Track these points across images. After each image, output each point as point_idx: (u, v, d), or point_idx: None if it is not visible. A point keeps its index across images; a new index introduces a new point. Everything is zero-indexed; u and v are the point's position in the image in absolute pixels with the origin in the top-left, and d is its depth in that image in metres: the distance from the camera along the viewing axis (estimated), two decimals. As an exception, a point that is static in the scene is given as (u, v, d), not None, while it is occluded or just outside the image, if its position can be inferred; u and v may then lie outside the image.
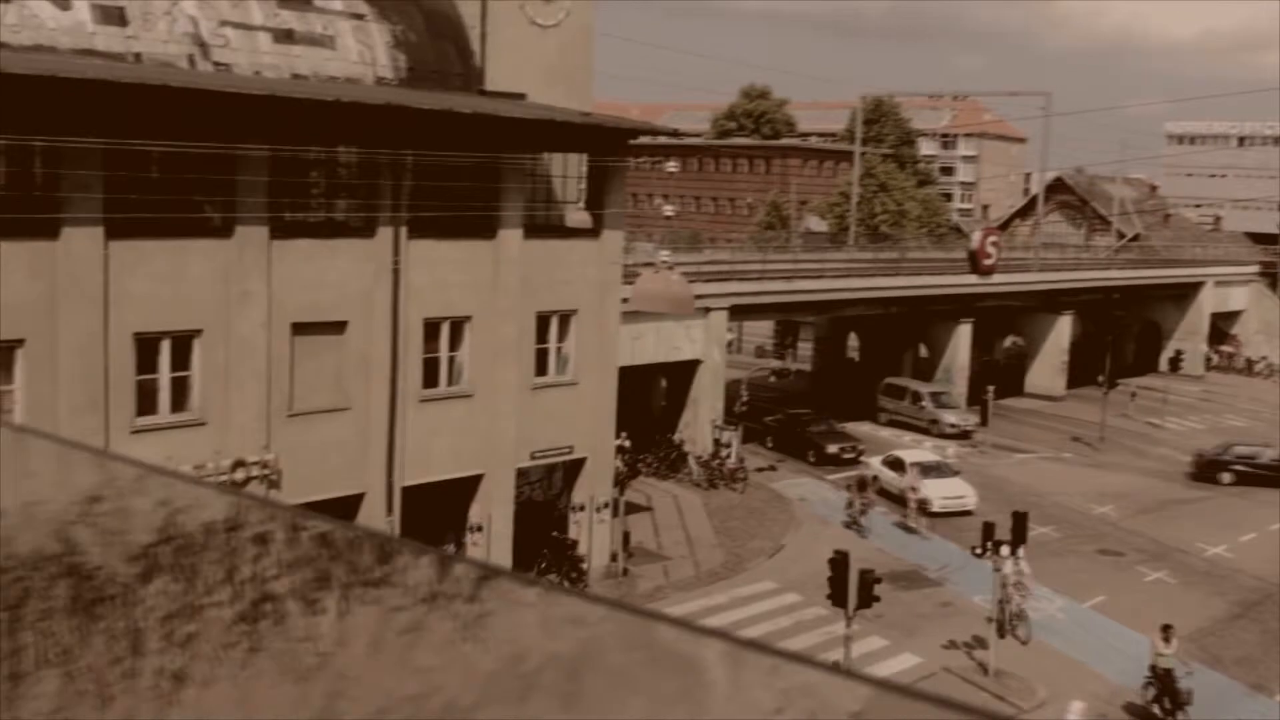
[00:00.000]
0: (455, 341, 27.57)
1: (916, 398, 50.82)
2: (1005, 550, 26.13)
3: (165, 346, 22.89)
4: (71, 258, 21.25)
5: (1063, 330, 59.33)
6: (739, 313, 45.95)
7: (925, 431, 49.32)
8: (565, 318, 29.40)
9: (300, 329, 24.66)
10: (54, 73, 19.29)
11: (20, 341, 21.00)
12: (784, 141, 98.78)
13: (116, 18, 21.00)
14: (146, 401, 22.72)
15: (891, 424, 50.95)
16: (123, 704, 1.31)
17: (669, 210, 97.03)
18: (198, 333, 23.25)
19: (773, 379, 64.52)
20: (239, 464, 23.91)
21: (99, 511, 1.37)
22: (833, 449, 44.14)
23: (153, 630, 1.32)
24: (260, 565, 1.29)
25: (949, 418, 49.61)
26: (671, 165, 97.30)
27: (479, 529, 28.49)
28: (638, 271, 32.21)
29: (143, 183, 21.55)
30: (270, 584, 1.28)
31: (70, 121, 20.24)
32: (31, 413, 21.20)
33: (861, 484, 36.92)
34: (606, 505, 30.86)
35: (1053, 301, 59.54)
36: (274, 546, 1.29)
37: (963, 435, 48.86)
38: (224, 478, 23.73)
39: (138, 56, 21.00)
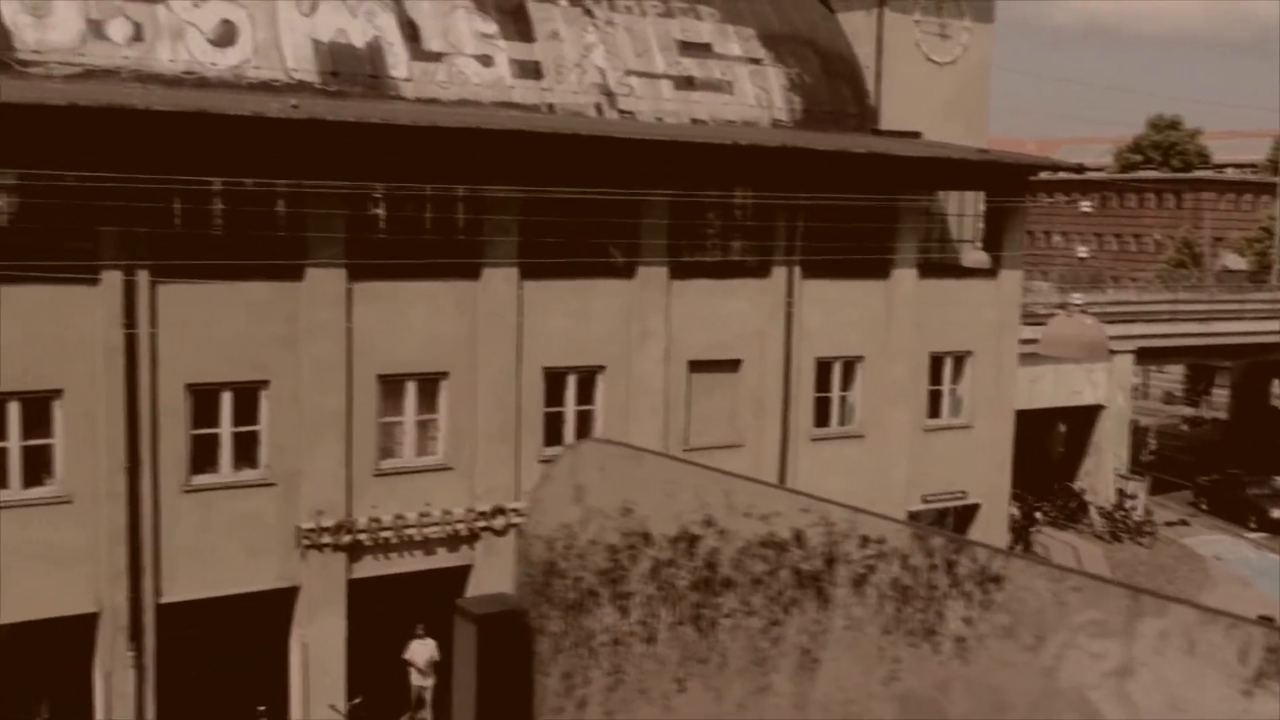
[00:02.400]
0: (847, 381, 27.51)
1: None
2: None
3: (572, 381, 24.09)
4: (490, 297, 22.77)
5: None
6: (1146, 356, 43.39)
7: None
8: (960, 359, 28.73)
9: (697, 366, 25.34)
10: (480, 125, 20.87)
11: (445, 374, 22.67)
12: (1197, 174, 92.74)
13: (533, 71, 22.43)
14: (553, 432, 23.97)
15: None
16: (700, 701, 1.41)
17: (1083, 252, 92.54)
18: (601, 369, 24.33)
19: (1184, 427, 60.42)
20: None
21: (701, 520, 1.50)
22: (1278, 514, 40.46)
23: (749, 629, 1.42)
24: (864, 570, 1.34)
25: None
26: (1086, 205, 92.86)
27: (868, 571, 28.18)
28: (1034, 312, 31.05)
29: (554, 227, 22.85)
30: (875, 588, 1.33)
31: (491, 170, 21.77)
32: (453, 439, 22.83)
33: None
34: (1001, 553, 29.75)
35: None
36: (883, 559, 1.34)
37: None
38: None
39: (551, 107, 22.32)
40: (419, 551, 22.74)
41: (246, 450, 21.26)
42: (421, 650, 23.16)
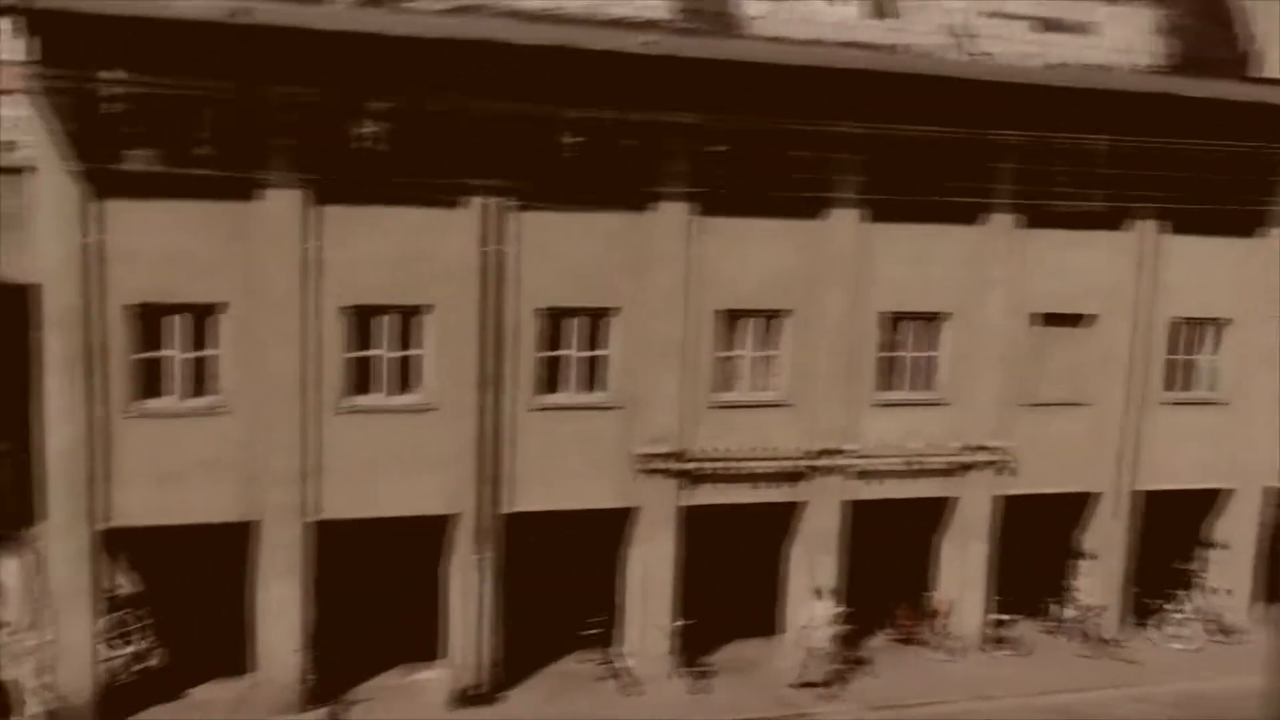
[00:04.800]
0: (1208, 343, 25.95)
1: None
2: None
3: (910, 327, 23.93)
4: (833, 239, 22.92)
5: None
6: None
7: None
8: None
9: (1043, 320, 24.58)
10: (826, 64, 21.13)
11: (787, 311, 23.02)
12: None
13: (882, 11, 22.38)
14: (894, 378, 23.90)
15: None
16: None
17: None
18: (943, 315, 24.02)
19: None
20: (972, 447, 24.34)
21: None
22: None
23: None
24: None
25: None
26: None
27: (1223, 547, 26.57)
28: None
29: (899, 169, 22.73)
30: None
31: (838, 109, 21.91)
32: (790, 377, 23.17)
33: None
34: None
35: None
36: None
37: None
38: (953, 459, 24.28)
39: (898, 48, 22.20)
40: (750, 484, 23.21)
41: (593, 374, 22.34)
42: (820, 610, 23.39)
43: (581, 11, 20.71)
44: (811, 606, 23.47)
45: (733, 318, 22.88)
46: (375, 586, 23.56)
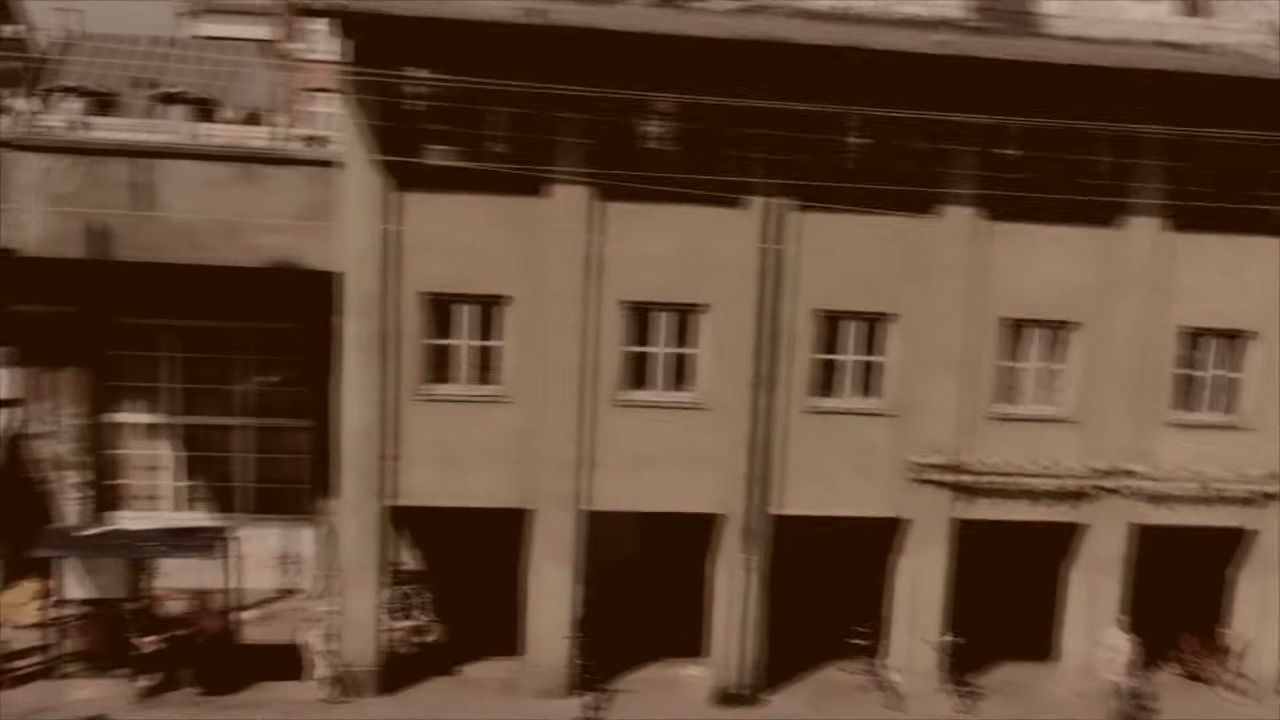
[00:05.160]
0: None
1: None
2: None
3: (1211, 344, 22.49)
4: (1130, 248, 21.78)
5: None
6: None
7: None
8: None
9: (1364, 342, 22.66)
10: (1133, 65, 20.09)
11: (1076, 324, 22.03)
12: None
13: (1195, 9, 21.13)
14: (1191, 398, 22.54)
15: None
16: None
17: None
18: (1252, 334, 22.48)
19: None
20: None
21: None
22: None
23: None
24: None
25: None
26: None
27: None
28: None
29: (1206, 175, 21.39)
30: None
31: (1141, 113, 20.78)
32: (1077, 392, 22.17)
33: None
34: None
35: None
36: None
37: None
38: (1255, 489, 22.67)
39: (1211, 48, 20.89)
40: (1029, 501, 22.32)
41: (867, 379, 21.98)
42: (1121, 642, 22.25)
43: (871, 11, 20.39)
44: (1113, 637, 22.29)
45: (1017, 327, 22.06)
46: (641, 580, 23.91)
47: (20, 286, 22.06)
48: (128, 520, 23.61)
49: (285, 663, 21.56)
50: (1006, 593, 24.05)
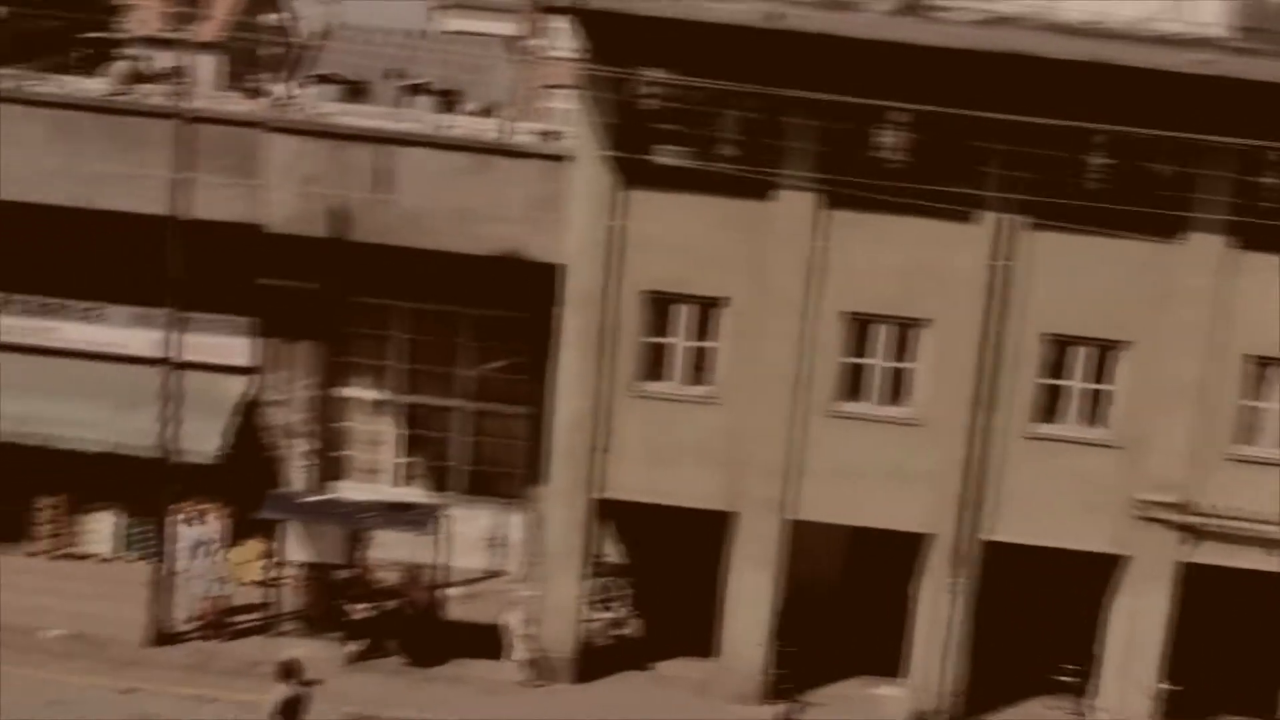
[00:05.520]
0: None
1: None
2: None
3: None
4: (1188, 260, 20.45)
5: None
6: None
7: None
8: None
9: None
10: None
11: None
12: None
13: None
14: None
15: None
16: None
17: None
18: None
19: None
20: None
21: None
22: None
23: None
24: None
25: None
26: None
27: None
28: None
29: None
30: None
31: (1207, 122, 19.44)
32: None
33: None
34: None
35: None
36: None
37: None
38: None
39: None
40: (1262, 549, 21.02)
41: (1094, 408, 21.09)
42: None
43: (1125, 26, 19.52)
44: None
45: (1262, 365, 20.80)
46: (842, 594, 23.55)
47: (266, 261, 23.17)
48: (348, 491, 24.54)
49: (485, 642, 22.06)
50: (1234, 643, 22.73)
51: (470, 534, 24.71)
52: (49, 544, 24.57)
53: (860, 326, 20.92)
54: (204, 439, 22.91)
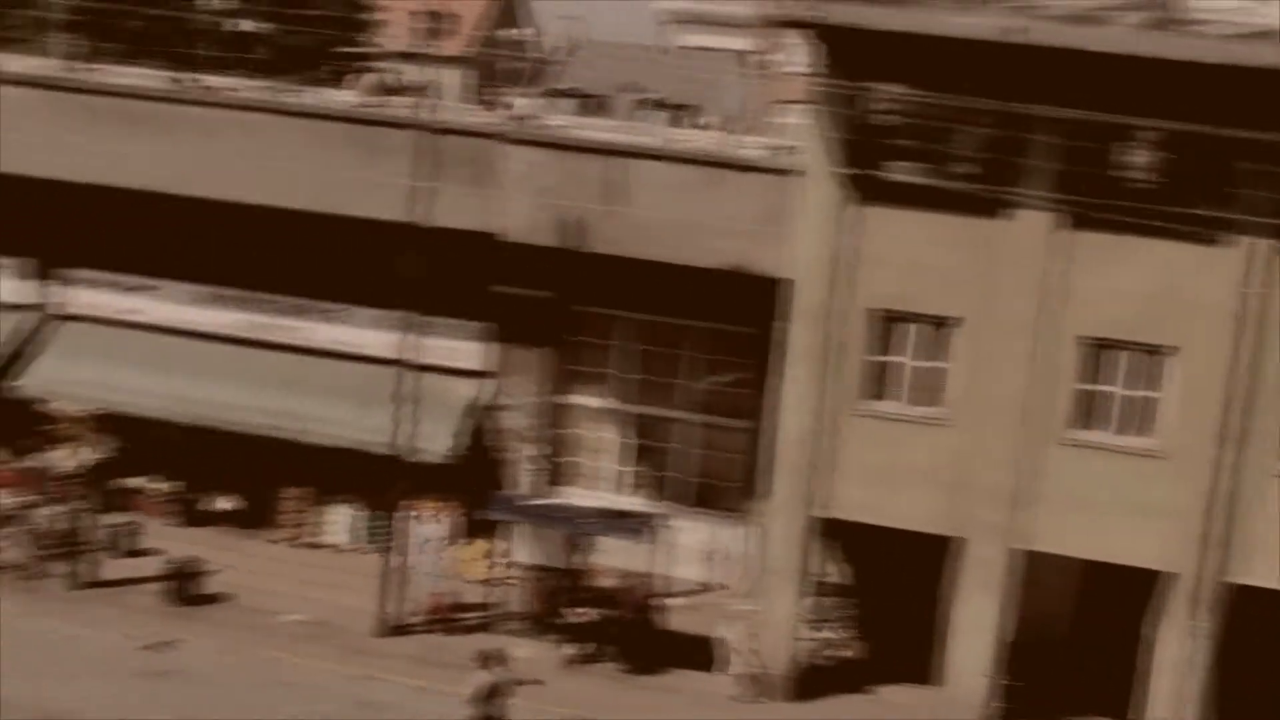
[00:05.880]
0: None
1: None
2: None
3: None
4: None
5: None
6: None
7: None
8: None
9: None
10: None
11: None
12: None
13: None
14: None
15: None
16: None
17: None
18: None
19: None
20: None
21: None
22: None
23: None
24: None
25: None
26: None
27: None
28: None
29: None
30: None
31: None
32: None
33: None
34: None
35: None
36: None
37: None
38: None
39: None
40: None
41: (1355, 446, 19.72)
42: None
43: None
44: None
45: None
46: (1072, 631, 22.62)
47: (500, 269, 23.81)
48: (572, 496, 24.97)
49: (699, 654, 22.05)
50: None
51: (689, 545, 24.80)
52: (291, 532, 25.89)
53: (1098, 352, 20.09)
54: (436, 439, 23.69)
